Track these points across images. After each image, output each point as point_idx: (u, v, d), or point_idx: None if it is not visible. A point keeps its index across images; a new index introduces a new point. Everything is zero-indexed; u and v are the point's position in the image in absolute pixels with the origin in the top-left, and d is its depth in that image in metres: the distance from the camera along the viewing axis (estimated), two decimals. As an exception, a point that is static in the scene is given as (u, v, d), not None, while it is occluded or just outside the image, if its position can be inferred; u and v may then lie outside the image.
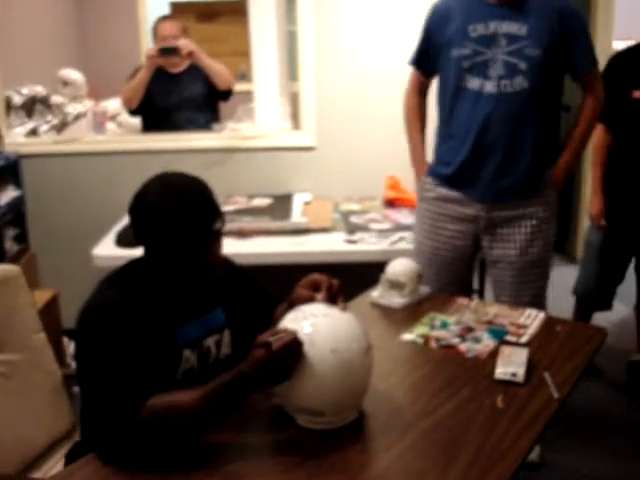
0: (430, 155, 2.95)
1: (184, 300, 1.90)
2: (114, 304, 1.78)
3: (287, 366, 1.68)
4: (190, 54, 4.02)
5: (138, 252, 1.91)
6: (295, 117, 4.16)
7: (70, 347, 3.75)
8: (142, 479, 1.59)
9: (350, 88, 3.95)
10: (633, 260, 3.56)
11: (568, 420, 3.32)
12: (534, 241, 2.80)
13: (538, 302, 2.81)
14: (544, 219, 2.81)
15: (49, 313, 3.35)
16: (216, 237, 1.85)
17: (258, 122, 4.04)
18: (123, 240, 1.90)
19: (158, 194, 1.77)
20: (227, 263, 2.06)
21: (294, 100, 4.20)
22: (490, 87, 2.66)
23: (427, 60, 2.88)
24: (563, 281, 3.93)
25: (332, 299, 1.87)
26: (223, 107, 4.33)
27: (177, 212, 1.75)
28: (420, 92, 2.98)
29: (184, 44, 3.99)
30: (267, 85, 4.12)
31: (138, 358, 1.71)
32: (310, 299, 1.88)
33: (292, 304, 1.89)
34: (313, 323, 1.74)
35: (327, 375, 1.69)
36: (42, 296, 3.37)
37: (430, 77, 2.95)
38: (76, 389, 1.79)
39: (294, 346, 1.68)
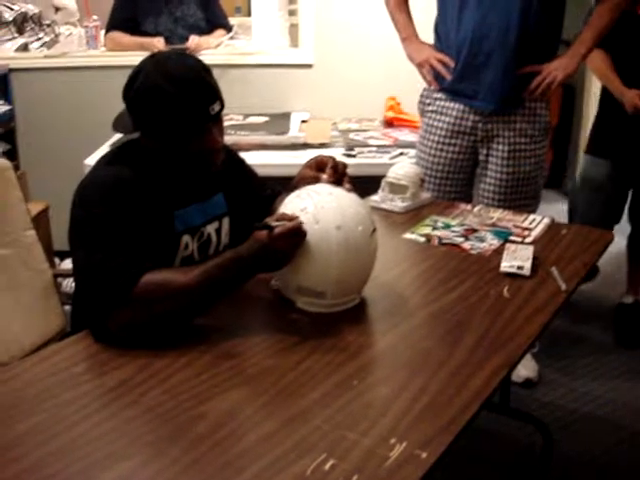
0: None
1: (183, 184, 1.83)
2: (116, 178, 1.70)
3: (286, 253, 1.63)
4: None
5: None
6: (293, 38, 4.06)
7: (60, 267, 3.68)
8: (133, 356, 1.53)
9: (351, 5, 3.84)
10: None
11: (563, 345, 3.30)
12: (526, 158, 2.73)
13: None
14: (536, 136, 2.73)
15: (40, 225, 3.26)
16: (215, 122, 1.75)
17: (255, 39, 3.94)
18: (120, 125, 1.81)
19: (151, 76, 1.67)
20: (229, 151, 2.00)
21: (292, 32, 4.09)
22: None
23: None
24: (560, 219, 3.84)
25: (338, 181, 1.81)
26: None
27: (170, 94, 1.65)
28: None
29: None
30: (265, 16, 4.01)
31: (135, 233, 1.64)
32: (315, 179, 1.82)
33: (296, 185, 1.82)
34: (317, 201, 1.67)
35: (331, 251, 1.63)
36: (33, 208, 3.28)
37: None
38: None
39: (297, 233, 1.62)
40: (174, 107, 1.67)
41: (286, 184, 1.94)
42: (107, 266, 1.59)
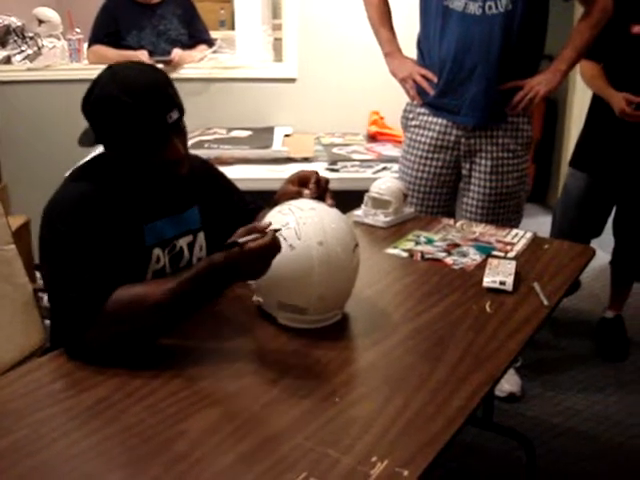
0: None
1: (153, 196, 1.81)
2: (80, 196, 1.68)
3: (261, 266, 1.56)
4: None
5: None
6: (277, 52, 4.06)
7: (41, 281, 3.65)
8: (107, 375, 1.51)
9: (334, 19, 3.85)
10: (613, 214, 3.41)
11: (546, 359, 3.32)
12: (508, 173, 2.73)
13: None
14: (519, 150, 2.74)
15: (20, 239, 3.24)
16: (175, 131, 1.71)
17: (239, 52, 3.94)
18: (85, 139, 1.79)
19: (106, 86, 1.67)
20: (205, 164, 1.99)
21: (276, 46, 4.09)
22: (474, 7, 2.56)
23: None
24: (543, 233, 3.85)
25: (320, 197, 1.80)
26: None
27: (125, 103, 1.63)
28: None
29: None
30: (249, 31, 4.02)
31: (104, 249, 1.62)
32: (297, 194, 1.81)
33: (278, 200, 1.81)
34: (299, 216, 1.66)
35: (313, 267, 1.62)
36: (14, 222, 3.26)
37: None
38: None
39: (271, 248, 1.54)
40: (130, 116, 1.64)
41: (269, 198, 1.93)
42: (76, 284, 1.57)
